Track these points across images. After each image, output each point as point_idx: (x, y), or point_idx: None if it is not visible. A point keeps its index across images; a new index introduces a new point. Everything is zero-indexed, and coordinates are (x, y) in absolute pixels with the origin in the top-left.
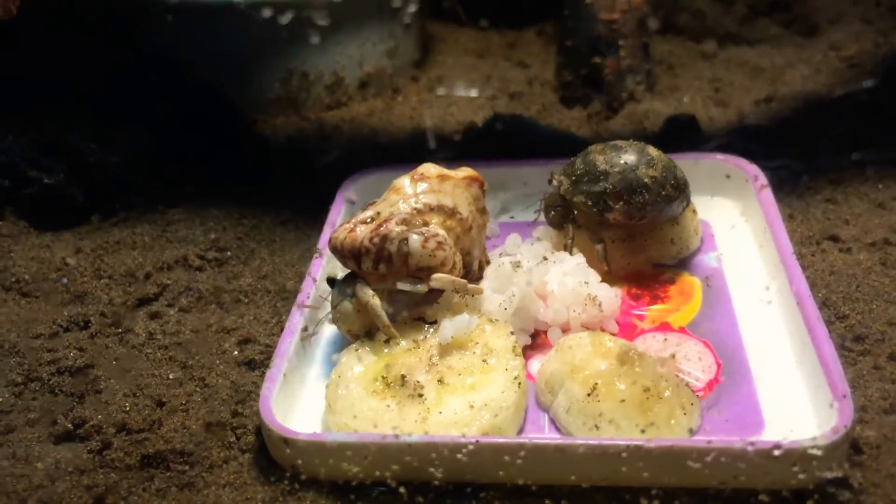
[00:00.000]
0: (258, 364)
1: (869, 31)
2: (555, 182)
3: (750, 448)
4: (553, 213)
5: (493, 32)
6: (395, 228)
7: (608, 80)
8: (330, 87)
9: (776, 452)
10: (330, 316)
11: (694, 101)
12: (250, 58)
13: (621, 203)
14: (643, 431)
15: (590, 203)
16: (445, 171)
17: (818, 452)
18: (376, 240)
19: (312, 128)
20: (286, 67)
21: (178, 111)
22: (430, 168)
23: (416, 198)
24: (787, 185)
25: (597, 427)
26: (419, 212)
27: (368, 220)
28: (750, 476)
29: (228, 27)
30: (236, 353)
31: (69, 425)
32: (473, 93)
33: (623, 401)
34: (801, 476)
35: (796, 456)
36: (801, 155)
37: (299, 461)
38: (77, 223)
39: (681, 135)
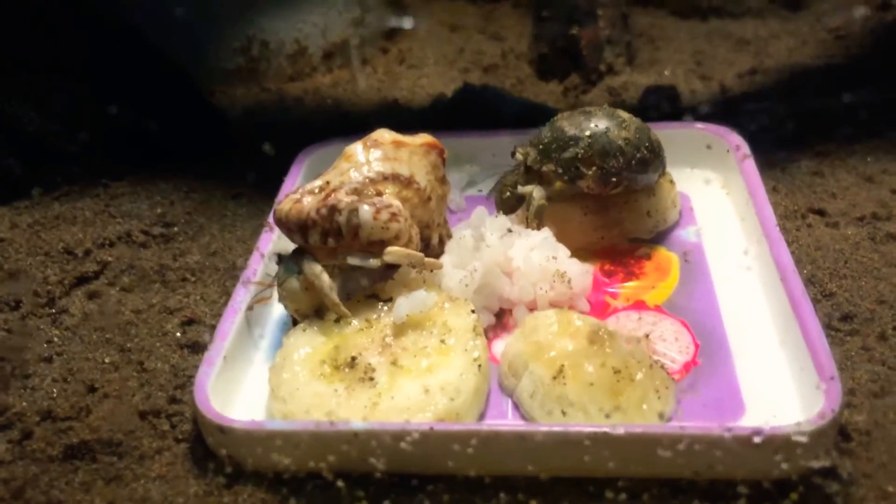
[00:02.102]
0: (202, 347)
1: (855, 2)
2: (518, 155)
3: (727, 434)
4: (508, 194)
5: (466, 4)
6: (344, 199)
7: (586, 51)
8: (292, 57)
9: (756, 439)
10: (276, 294)
11: (675, 73)
12: (207, 24)
13: (594, 168)
14: (608, 416)
15: (560, 171)
16: (401, 138)
17: (803, 439)
18: (324, 211)
19: (272, 99)
20: (245, 35)
21: (125, 79)
22: (384, 134)
23: (368, 166)
24: (771, 158)
25: (563, 413)
26: (372, 181)
27: (316, 191)
28: (727, 465)
29: None
30: (179, 334)
31: None
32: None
33: (591, 384)
34: (785, 466)
35: (779, 443)
36: (786, 127)
37: (236, 452)
38: (15, 197)
39: (661, 106)
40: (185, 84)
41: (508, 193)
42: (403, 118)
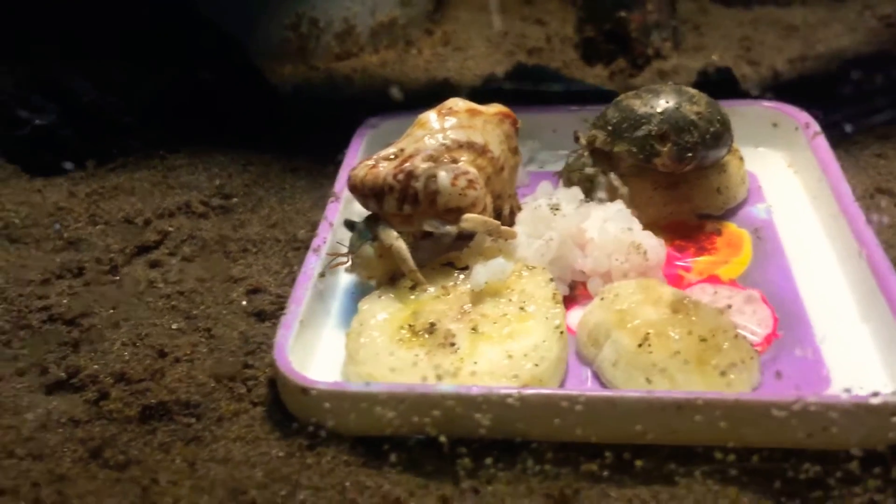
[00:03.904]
0: (269, 315)
1: None
2: (582, 140)
3: (845, 399)
4: (578, 178)
5: None
6: (421, 165)
7: (633, 35)
8: (340, 36)
9: (874, 401)
10: (349, 263)
11: (724, 59)
12: (257, 1)
13: (669, 145)
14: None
15: (634, 150)
16: (476, 106)
17: None
18: (401, 176)
19: (321, 77)
20: (294, 12)
21: (180, 51)
22: (458, 102)
23: (443, 133)
24: (833, 140)
25: (648, 381)
26: (447, 148)
27: (392, 157)
28: (841, 431)
29: None
30: (245, 303)
31: (62, 374)
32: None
33: (678, 352)
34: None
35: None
36: (844, 109)
37: (320, 413)
38: (72, 168)
39: (716, 89)
40: (239, 58)
41: (578, 177)
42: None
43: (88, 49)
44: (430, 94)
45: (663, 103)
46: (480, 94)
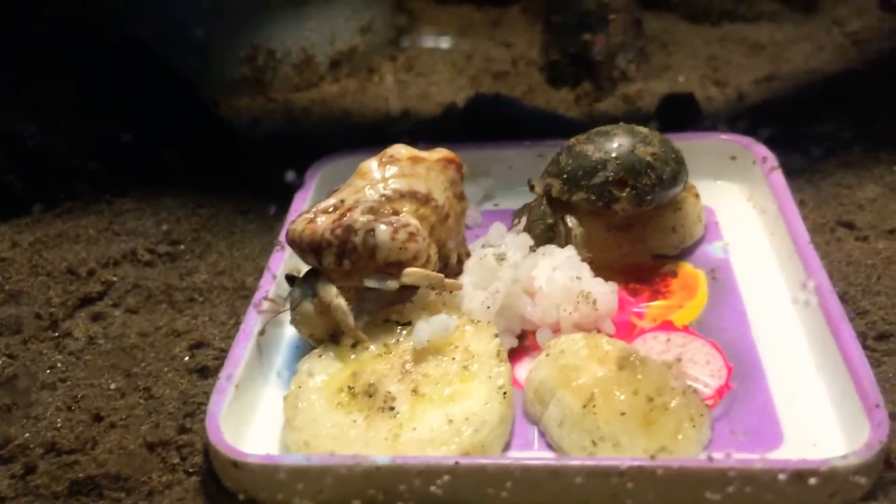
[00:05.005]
0: (211, 371)
1: (872, 6)
2: (538, 189)
3: (780, 473)
4: (541, 228)
5: (473, 9)
6: (360, 218)
7: (598, 58)
8: (299, 66)
9: (812, 480)
10: (290, 317)
11: (690, 80)
12: (211, 33)
13: (628, 189)
14: (652, 457)
15: (593, 198)
16: (418, 153)
17: (859, 478)
18: (339, 231)
19: (280, 110)
20: (250, 44)
21: (128, 92)
22: (400, 149)
23: (384, 183)
24: (794, 169)
25: (594, 443)
26: (388, 199)
27: (331, 210)
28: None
29: (187, 1)
30: (187, 358)
31: None
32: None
33: (623, 413)
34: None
35: (838, 482)
36: (807, 136)
37: (251, 487)
38: (15, 214)
39: (679, 115)
40: (190, 96)
41: (541, 227)
42: (414, 129)
43: (33, 91)
44: (390, 125)
45: (616, 146)
46: (439, 127)
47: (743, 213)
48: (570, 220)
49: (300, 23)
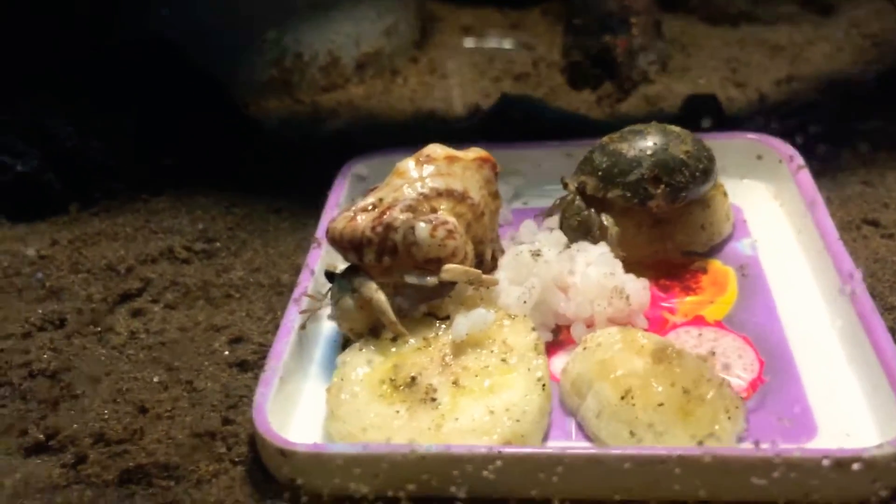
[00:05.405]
0: (251, 365)
1: (889, 7)
2: (572, 186)
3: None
4: (577, 222)
5: (494, 11)
6: (399, 216)
7: (620, 59)
8: (325, 69)
9: (855, 466)
10: (330, 312)
11: (710, 81)
12: (240, 37)
13: (662, 187)
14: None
15: (629, 195)
16: (454, 152)
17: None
18: (379, 229)
19: (307, 111)
20: (278, 47)
21: (162, 94)
22: (436, 149)
23: (422, 182)
24: (819, 167)
25: (632, 434)
26: (426, 197)
27: (370, 208)
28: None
29: (216, 5)
30: (227, 353)
31: (41, 436)
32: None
33: (661, 404)
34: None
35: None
36: (830, 135)
37: (299, 476)
38: (54, 213)
39: (701, 116)
40: (220, 98)
41: (577, 222)
42: (440, 129)
43: (70, 93)
44: (417, 126)
45: (651, 144)
46: (464, 128)
47: (770, 210)
48: (607, 219)
49: (326, 26)
